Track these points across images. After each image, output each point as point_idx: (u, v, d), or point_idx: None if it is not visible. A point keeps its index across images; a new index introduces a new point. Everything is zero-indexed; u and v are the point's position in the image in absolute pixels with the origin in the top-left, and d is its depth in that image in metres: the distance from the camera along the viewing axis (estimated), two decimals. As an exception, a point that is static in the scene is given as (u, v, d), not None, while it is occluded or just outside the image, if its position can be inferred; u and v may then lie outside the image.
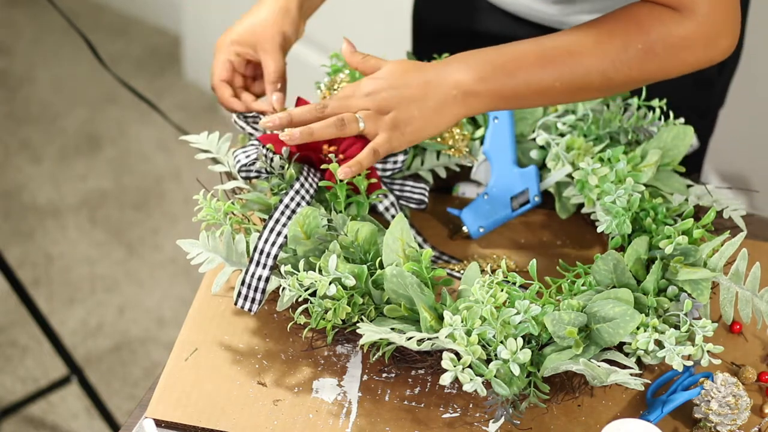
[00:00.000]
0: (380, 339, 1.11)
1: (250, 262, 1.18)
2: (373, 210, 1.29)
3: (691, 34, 1.18)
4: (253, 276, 1.18)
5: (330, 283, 1.12)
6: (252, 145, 1.25)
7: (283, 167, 1.23)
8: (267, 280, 1.18)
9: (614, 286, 1.16)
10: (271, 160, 1.23)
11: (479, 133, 1.36)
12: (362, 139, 1.25)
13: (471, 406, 1.15)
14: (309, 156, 1.25)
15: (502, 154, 1.32)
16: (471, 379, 1.06)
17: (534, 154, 1.34)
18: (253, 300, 1.18)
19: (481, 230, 1.32)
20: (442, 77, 1.19)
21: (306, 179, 1.22)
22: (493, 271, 1.16)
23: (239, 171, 1.23)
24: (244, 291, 1.18)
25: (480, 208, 1.32)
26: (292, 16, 1.35)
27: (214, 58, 1.36)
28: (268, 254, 1.18)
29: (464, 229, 1.32)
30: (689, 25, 1.17)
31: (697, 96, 1.51)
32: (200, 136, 1.29)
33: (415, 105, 1.18)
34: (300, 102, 1.28)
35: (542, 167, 1.35)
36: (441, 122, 1.19)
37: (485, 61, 1.19)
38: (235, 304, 1.19)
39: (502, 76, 1.18)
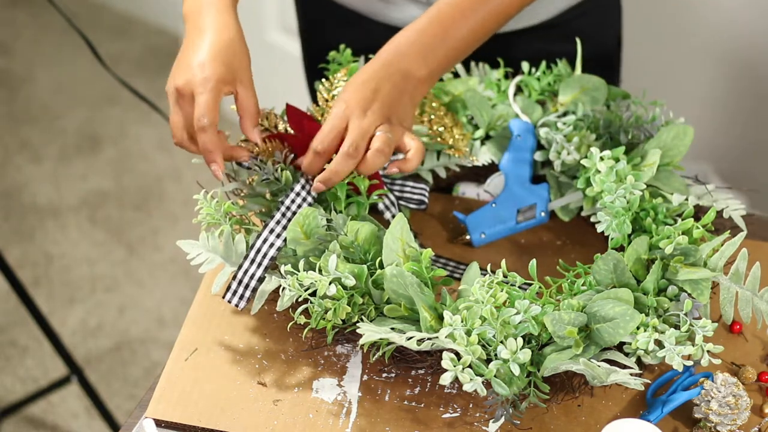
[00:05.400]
0: (380, 339, 1.11)
1: (245, 258, 1.18)
2: (372, 209, 1.29)
3: None
4: (245, 273, 1.18)
5: (330, 283, 1.12)
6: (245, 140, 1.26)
7: (277, 170, 1.23)
8: (260, 279, 1.18)
9: (614, 286, 1.16)
10: (264, 166, 1.23)
11: (479, 133, 1.36)
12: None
13: (471, 406, 1.15)
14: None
15: (518, 170, 1.32)
16: (471, 379, 1.06)
17: (536, 155, 1.34)
18: (242, 296, 1.18)
19: (483, 236, 1.31)
20: (394, 71, 1.23)
21: (307, 181, 1.22)
22: (493, 271, 1.16)
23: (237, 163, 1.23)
24: (234, 286, 1.18)
25: (486, 217, 1.32)
26: (243, 35, 1.25)
27: (201, 96, 1.19)
28: (265, 254, 1.18)
29: (466, 236, 1.32)
30: None
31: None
32: (199, 136, 1.29)
33: (400, 103, 1.23)
34: (290, 109, 1.28)
35: (544, 166, 1.35)
36: (415, 107, 1.26)
37: (420, 45, 1.24)
38: (223, 297, 1.19)
39: (440, 48, 1.25)
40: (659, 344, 1.11)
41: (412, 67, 1.24)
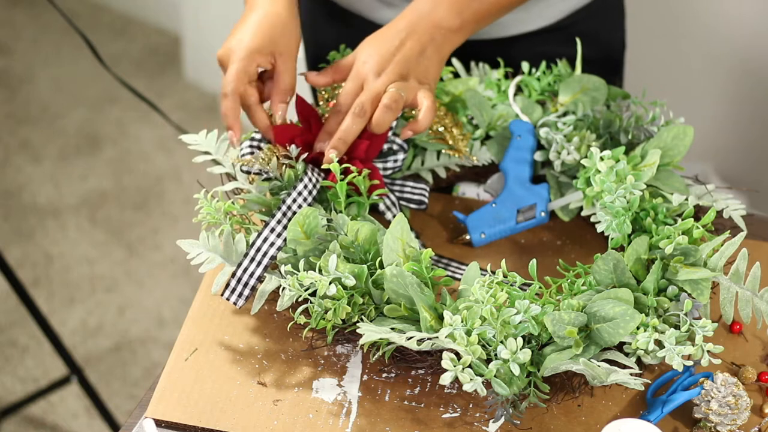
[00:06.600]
0: (380, 339, 1.11)
1: (245, 256, 1.18)
2: (373, 210, 1.29)
3: None
4: (245, 271, 1.18)
5: (330, 283, 1.12)
6: (254, 139, 1.26)
7: (282, 167, 1.23)
8: (259, 278, 1.18)
9: (614, 286, 1.16)
10: (269, 161, 1.23)
11: (479, 133, 1.36)
12: (366, 139, 1.25)
13: (471, 406, 1.15)
14: (315, 157, 1.25)
15: (518, 170, 1.32)
16: (471, 379, 1.06)
17: (536, 155, 1.34)
18: (240, 295, 1.18)
19: (483, 236, 1.31)
20: (424, 23, 1.25)
21: (310, 180, 1.22)
22: (493, 271, 1.16)
23: (241, 165, 1.23)
24: (233, 284, 1.18)
25: (486, 217, 1.32)
26: (297, 16, 1.29)
27: (232, 65, 1.23)
28: (265, 253, 1.18)
29: (466, 236, 1.32)
30: None
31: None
32: (198, 136, 1.29)
33: (422, 57, 1.25)
34: (300, 101, 1.28)
35: (544, 166, 1.35)
36: (443, 61, 1.27)
37: None
38: (222, 295, 1.19)
39: (475, 2, 1.27)
40: (659, 344, 1.11)
41: (443, 18, 1.26)
